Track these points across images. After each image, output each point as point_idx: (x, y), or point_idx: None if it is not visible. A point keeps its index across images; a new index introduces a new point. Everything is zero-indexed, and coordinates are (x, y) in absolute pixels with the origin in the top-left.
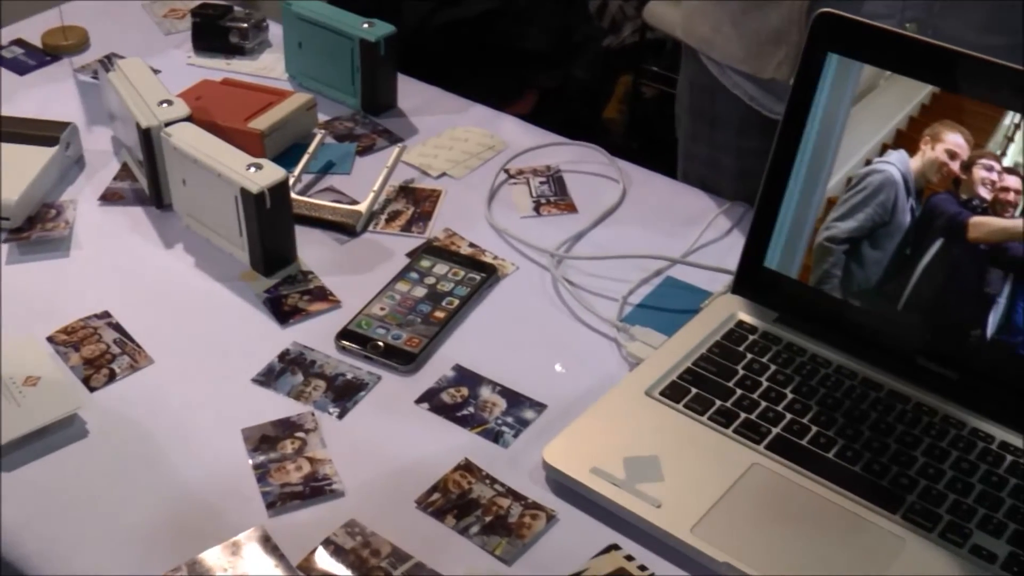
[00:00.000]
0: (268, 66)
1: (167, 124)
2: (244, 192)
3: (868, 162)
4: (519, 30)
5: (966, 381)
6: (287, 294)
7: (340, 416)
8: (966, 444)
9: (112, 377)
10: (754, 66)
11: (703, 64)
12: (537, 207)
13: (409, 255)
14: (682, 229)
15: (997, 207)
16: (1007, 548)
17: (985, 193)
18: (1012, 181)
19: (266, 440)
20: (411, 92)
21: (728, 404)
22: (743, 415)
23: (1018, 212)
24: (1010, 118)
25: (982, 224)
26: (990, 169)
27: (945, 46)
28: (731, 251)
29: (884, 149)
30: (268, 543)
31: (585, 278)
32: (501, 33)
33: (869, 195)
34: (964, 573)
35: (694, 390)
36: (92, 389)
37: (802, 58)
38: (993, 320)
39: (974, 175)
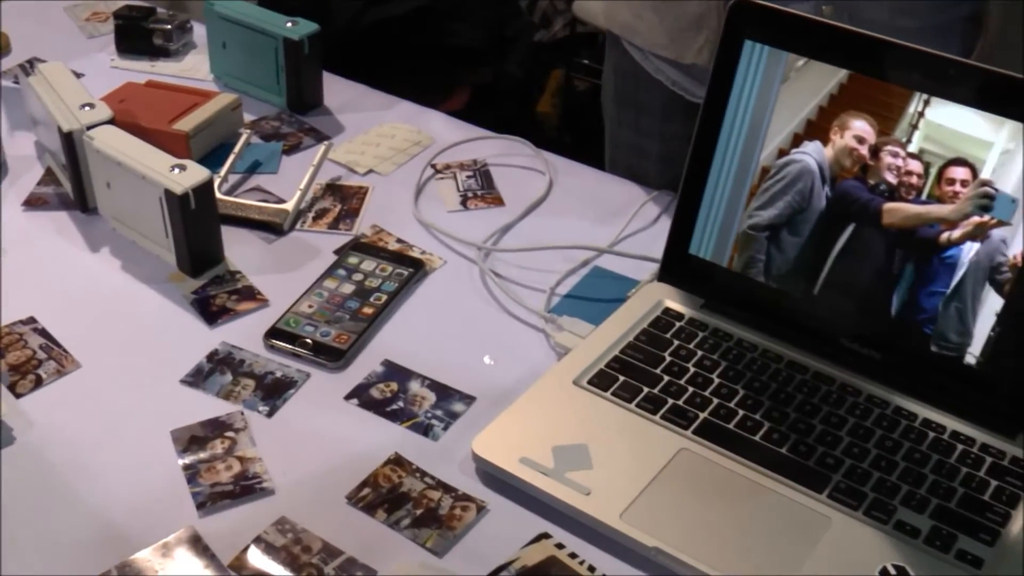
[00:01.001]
0: (193, 67)
1: (89, 127)
2: (168, 193)
3: (782, 152)
4: (450, 27)
5: (888, 361)
6: (215, 294)
7: (269, 414)
8: (890, 423)
9: (39, 383)
10: (676, 51)
11: (626, 51)
12: (464, 201)
13: (337, 252)
14: (609, 219)
15: (902, 191)
16: (930, 523)
17: (891, 178)
18: (916, 166)
19: (195, 441)
20: (337, 90)
21: (656, 391)
22: (671, 401)
23: (924, 195)
24: (914, 106)
25: (896, 210)
26: (895, 155)
27: (858, 31)
28: (658, 239)
29: (796, 138)
30: (198, 543)
31: (513, 270)
32: (432, 30)
33: (788, 184)
34: (889, 549)
35: (622, 378)
36: (18, 396)
37: (719, 46)
38: (906, 301)
39: (881, 161)
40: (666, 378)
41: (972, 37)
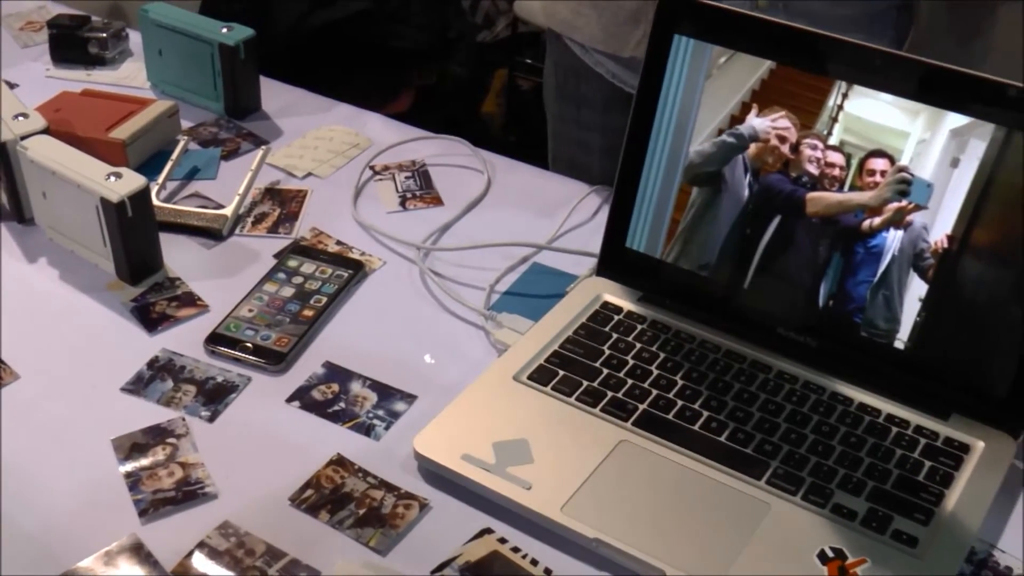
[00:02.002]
0: (130, 75)
1: (23, 137)
2: (104, 202)
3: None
4: (393, 29)
5: (823, 348)
6: (154, 301)
7: (211, 419)
8: (826, 408)
9: None
10: (614, 46)
11: (567, 47)
12: (403, 202)
13: (276, 256)
14: (548, 215)
15: (824, 182)
16: (866, 505)
17: (813, 170)
18: (837, 158)
19: (137, 448)
20: (275, 94)
21: (595, 384)
22: (610, 394)
23: (846, 187)
24: (833, 98)
25: (819, 199)
26: (816, 148)
27: (783, 23)
28: (596, 234)
29: (720, 133)
30: (141, 551)
31: (452, 269)
32: (375, 33)
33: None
34: (826, 532)
35: (561, 372)
36: None
37: (649, 40)
38: (836, 289)
39: (802, 154)
40: (605, 371)
41: (905, 26)
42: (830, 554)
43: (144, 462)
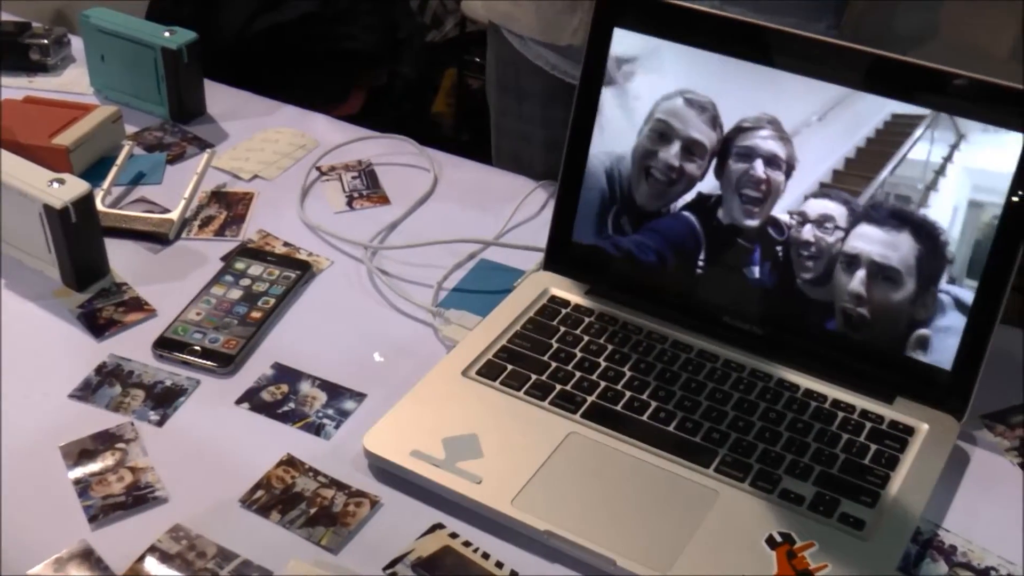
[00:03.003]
0: (73, 81)
1: None
2: (48, 208)
3: None
4: (342, 30)
5: (769, 336)
6: (101, 307)
7: (160, 423)
8: (773, 395)
9: None
10: (552, 35)
11: (506, 39)
12: (350, 202)
13: (224, 259)
14: (494, 211)
15: None
16: (813, 489)
17: None
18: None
19: (85, 454)
20: (220, 97)
21: (543, 377)
22: (559, 387)
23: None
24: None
25: None
26: None
27: (719, 14)
28: (543, 229)
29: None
30: (91, 557)
31: (400, 267)
32: (324, 35)
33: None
34: (775, 517)
35: (510, 367)
36: None
37: (589, 33)
38: (778, 277)
39: None
40: (553, 364)
41: (843, 9)
42: (778, 539)
43: (93, 468)
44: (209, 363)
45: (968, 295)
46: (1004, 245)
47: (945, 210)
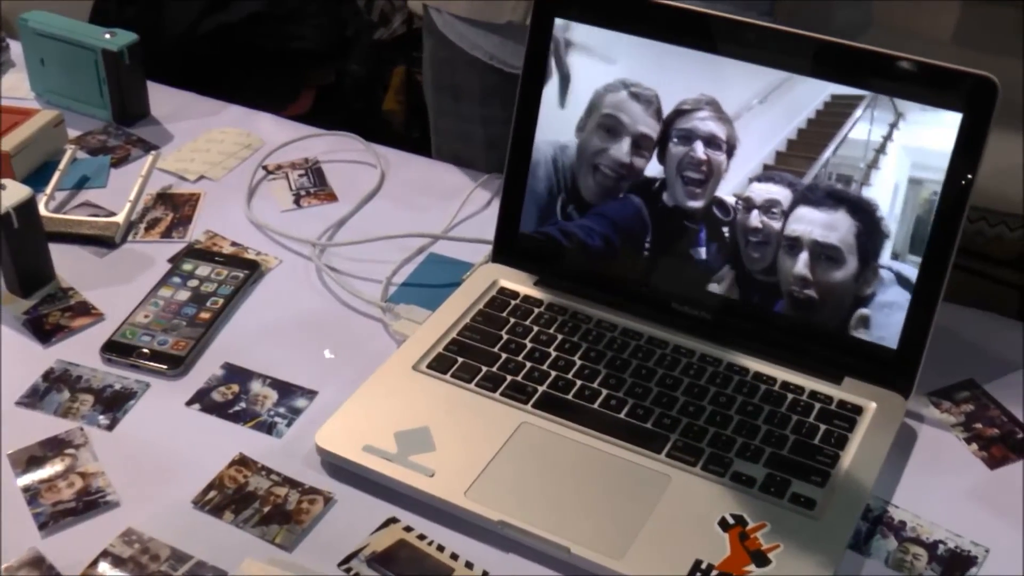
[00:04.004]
0: (13, 86)
1: None
2: None
3: None
4: (290, 30)
5: (718, 321)
6: (47, 313)
7: (110, 428)
8: (723, 379)
9: None
10: (491, 14)
11: (442, 36)
12: (297, 200)
13: (171, 260)
14: (442, 206)
15: None
16: (764, 471)
17: None
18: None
19: (34, 461)
20: (164, 99)
21: (494, 369)
22: (509, 378)
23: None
24: None
25: None
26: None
27: (662, 3)
28: (491, 222)
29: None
30: (42, 564)
31: (349, 264)
32: (271, 34)
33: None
34: (727, 499)
35: (460, 359)
36: None
37: (530, 25)
38: (724, 262)
39: None
40: (504, 356)
41: None
42: (731, 521)
43: (42, 475)
44: (158, 365)
45: (911, 274)
46: (944, 223)
47: (886, 189)
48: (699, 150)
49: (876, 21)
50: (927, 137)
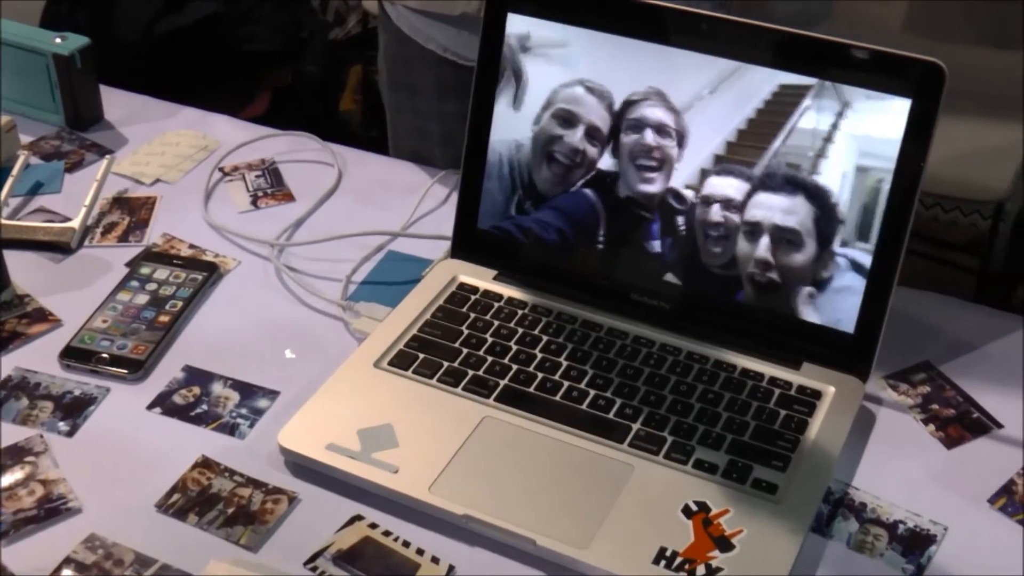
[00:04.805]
0: None
1: None
2: None
3: None
4: (244, 31)
5: (677, 310)
6: (3, 320)
7: (70, 434)
8: (683, 368)
9: None
10: (445, 6)
11: (396, 31)
12: (255, 201)
13: (128, 264)
14: (400, 203)
15: None
16: (726, 458)
17: None
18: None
19: None
20: (117, 103)
21: (456, 364)
22: (471, 372)
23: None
24: None
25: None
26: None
27: None
28: (450, 218)
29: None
30: (3, 573)
31: (308, 263)
32: (226, 36)
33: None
34: (690, 487)
35: (421, 355)
36: None
37: (483, 20)
38: (680, 252)
39: None
40: (465, 351)
41: None
42: (694, 508)
43: (2, 483)
44: (118, 370)
45: (866, 260)
46: (897, 209)
47: (835, 176)
48: (649, 137)
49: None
50: (875, 124)
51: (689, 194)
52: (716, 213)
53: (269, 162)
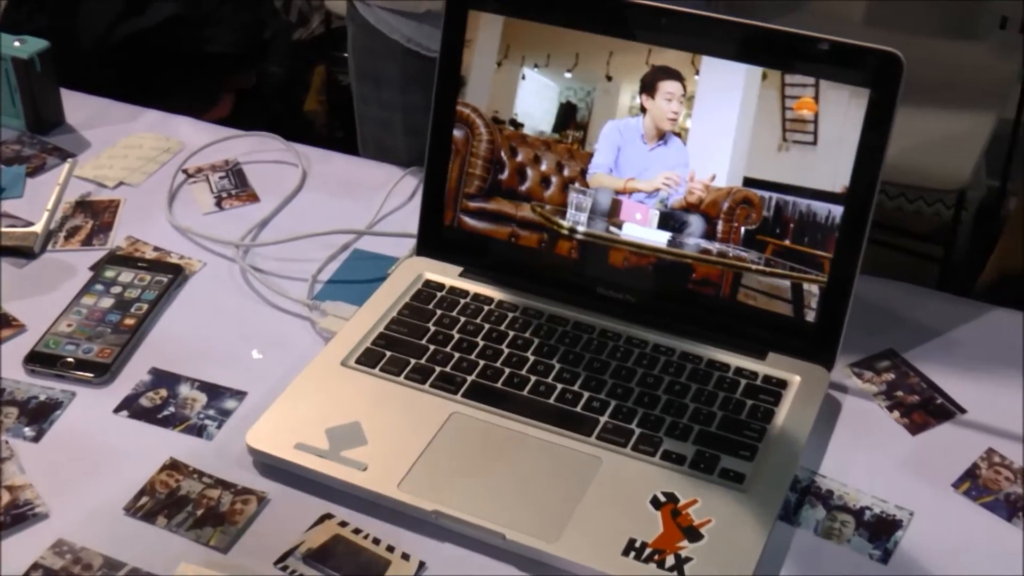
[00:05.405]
0: None
1: None
2: None
3: None
4: (206, 33)
5: (643, 303)
6: None
7: (36, 439)
8: (650, 360)
9: None
10: (410, 4)
11: (363, 21)
12: (219, 202)
13: (93, 268)
14: (365, 201)
15: None
16: (694, 448)
17: None
18: None
19: None
20: (79, 106)
21: (422, 361)
22: (438, 369)
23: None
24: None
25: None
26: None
27: None
28: (415, 215)
29: None
30: None
31: (273, 263)
32: (188, 39)
33: None
34: (658, 478)
35: (388, 353)
36: None
37: (444, 17)
38: (641, 244)
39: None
40: (432, 347)
41: None
42: (662, 499)
43: None
44: (84, 374)
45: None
46: (857, 198)
47: None
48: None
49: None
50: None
51: (655, 190)
52: (686, 216)
53: (233, 163)
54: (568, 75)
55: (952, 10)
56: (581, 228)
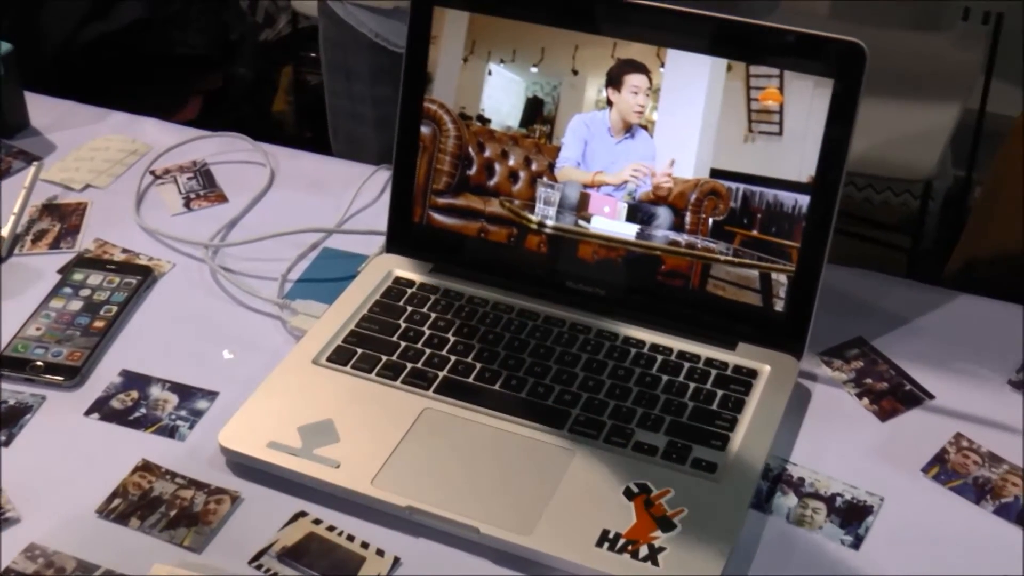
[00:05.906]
0: None
1: None
2: None
3: None
4: (173, 36)
5: (613, 296)
6: None
7: (6, 444)
8: (620, 353)
9: None
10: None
11: (332, 14)
12: (187, 203)
13: (61, 271)
14: (334, 199)
15: None
16: (665, 439)
17: None
18: None
19: None
20: (44, 109)
21: (394, 358)
22: (409, 365)
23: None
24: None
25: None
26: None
27: None
28: (384, 213)
29: None
30: None
31: (243, 263)
32: (155, 41)
33: None
34: (630, 469)
35: (359, 350)
36: None
37: (411, 12)
38: (610, 237)
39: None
40: (403, 344)
41: None
42: (635, 490)
43: None
44: (53, 377)
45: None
46: (823, 188)
47: None
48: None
49: None
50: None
51: (623, 183)
52: (654, 209)
53: (201, 164)
54: (534, 70)
55: (916, 2)
56: (550, 222)
